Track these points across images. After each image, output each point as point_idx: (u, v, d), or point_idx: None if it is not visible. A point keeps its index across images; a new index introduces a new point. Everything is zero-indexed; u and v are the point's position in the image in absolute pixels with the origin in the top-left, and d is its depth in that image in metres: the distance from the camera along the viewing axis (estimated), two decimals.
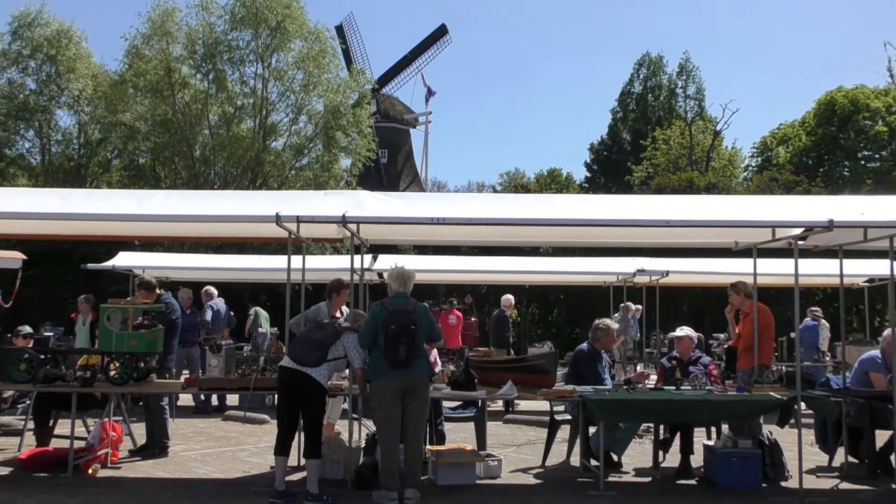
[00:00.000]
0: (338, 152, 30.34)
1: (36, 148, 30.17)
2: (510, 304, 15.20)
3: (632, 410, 7.23)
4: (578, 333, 22.54)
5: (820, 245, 8.11)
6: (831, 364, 13.71)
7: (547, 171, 49.39)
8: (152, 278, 8.79)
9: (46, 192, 9.47)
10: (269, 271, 13.39)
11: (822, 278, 12.20)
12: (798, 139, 37.23)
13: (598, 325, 8.43)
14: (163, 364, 8.39)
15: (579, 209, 7.72)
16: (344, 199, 7.40)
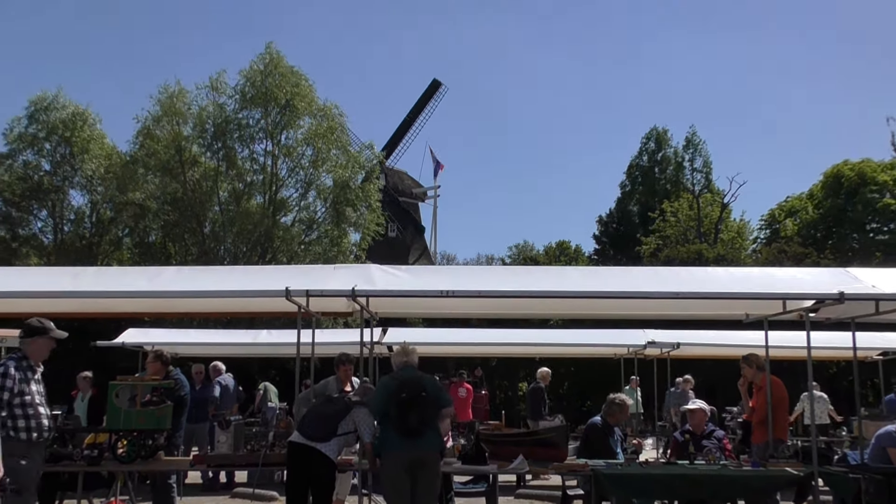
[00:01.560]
0: (347, 227, 30.59)
1: (48, 227, 30.54)
2: (545, 376, 14.98)
3: (645, 485, 7.09)
4: (589, 406, 22.30)
5: (832, 317, 8.07)
6: (848, 439, 13.49)
7: (556, 243, 49.41)
8: (165, 352, 8.80)
9: (58, 271, 9.57)
10: (279, 346, 13.37)
11: (835, 351, 12.09)
12: (805, 211, 37.37)
13: (613, 400, 8.35)
14: (171, 441, 8.32)
15: (589, 281, 7.75)
16: (353, 273, 7.45)
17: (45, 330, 6.01)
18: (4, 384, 5.66)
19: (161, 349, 8.96)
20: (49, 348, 6.07)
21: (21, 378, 5.76)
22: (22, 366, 5.85)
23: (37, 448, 5.82)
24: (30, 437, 5.71)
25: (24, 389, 5.74)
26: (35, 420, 5.74)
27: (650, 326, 12.63)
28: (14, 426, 5.68)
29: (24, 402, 5.72)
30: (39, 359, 6.02)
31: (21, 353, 5.96)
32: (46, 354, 6.12)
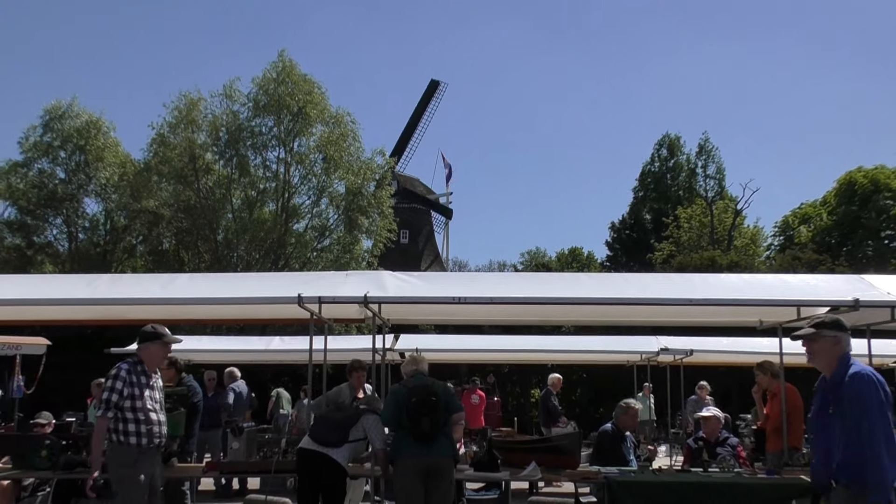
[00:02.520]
0: (359, 233, 30.66)
1: (63, 235, 30.79)
2: (556, 382, 14.93)
3: (658, 493, 7.04)
4: (602, 413, 22.20)
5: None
6: None
7: (568, 249, 49.46)
8: (179, 359, 8.81)
9: (72, 279, 9.62)
10: (291, 352, 13.39)
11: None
12: (819, 218, 37.19)
13: (619, 404, 8.34)
14: (184, 448, 8.33)
15: (601, 288, 7.72)
16: (365, 280, 7.46)
17: (157, 335, 5.86)
18: (114, 386, 5.54)
19: (174, 356, 8.97)
20: (163, 354, 5.96)
21: (133, 382, 5.62)
22: (136, 370, 5.70)
23: (147, 455, 5.64)
24: (139, 442, 5.56)
25: (135, 394, 5.59)
26: (146, 426, 5.59)
27: (663, 333, 12.58)
28: (124, 431, 5.54)
29: (135, 407, 5.57)
30: (154, 365, 5.90)
31: (137, 359, 5.81)
32: (161, 361, 6.03)
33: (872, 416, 4.09)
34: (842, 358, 4.35)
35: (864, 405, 4.13)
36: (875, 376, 4.24)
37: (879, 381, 4.20)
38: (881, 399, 4.09)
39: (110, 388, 5.51)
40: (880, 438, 4.04)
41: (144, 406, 5.59)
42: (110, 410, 5.48)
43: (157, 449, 5.75)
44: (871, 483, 4.03)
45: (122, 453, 5.50)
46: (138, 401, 5.56)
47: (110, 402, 5.48)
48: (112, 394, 5.50)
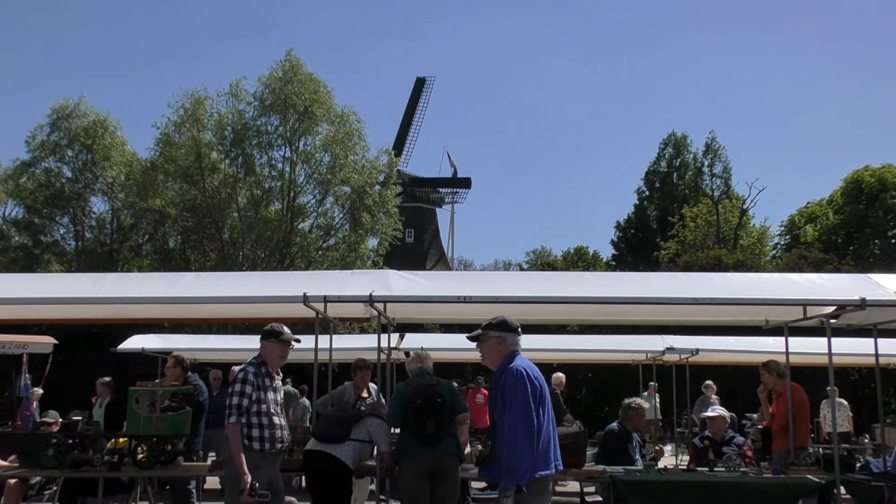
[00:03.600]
0: (364, 233, 30.67)
1: (70, 234, 30.87)
2: (560, 381, 14.91)
3: (664, 492, 7.03)
4: (607, 412, 22.18)
5: (853, 324, 7.99)
6: (870, 446, 13.34)
7: (574, 248, 49.44)
8: (185, 358, 8.84)
9: (79, 278, 9.65)
10: (296, 351, 13.36)
11: (857, 357, 11.98)
12: (826, 217, 37.08)
13: (628, 405, 8.29)
14: (190, 446, 8.34)
15: (607, 287, 7.70)
16: (371, 279, 7.46)
17: (274, 333, 5.76)
18: (243, 391, 5.39)
19: (180, 355, 9.00)
20: (281, 353, 5.77)
21: (259, 385, 5.50)
22: (260, 372, 5.58)
23: (269, 460, 5.51)
24: (262, 447, 5.42)
25: (261, 397, 5.47)
26: (269, 430, 5.45)
27: (669, 332, 12.57)
28: (248, 435, 5.40)
29: (259, 411, 5.44)
30: (275, 364, 5.75)
31: (260, 359, 5.69)
32: (280, 360, 5.82)
33: (516, 410, 4.21)
34: (508, 356, 4.52)
35: (509, 399, 4.29)
36: (526, 371, 4.34)
37: (531, 376, 4.30)
38: (527, 393, 4.21)
39: (240, 393, 5.38)
40: (520, 430, 4.15)
41: (269, 410, 5.48)
42: (242, 416, 5.36)
43: (279, 454, 5.66)
44: (504, 468, 4.20)
45: (246, 457, 5.35)
46: (263, 405, 5.46)
47: (241, 408, 5.36)
48: (242, 398, 5.37)
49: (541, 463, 4.21)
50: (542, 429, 4.26)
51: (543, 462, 4.24)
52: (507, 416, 4.29)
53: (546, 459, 4.28)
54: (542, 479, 4.25)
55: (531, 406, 4.20)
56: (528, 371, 4.33)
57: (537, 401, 4.24)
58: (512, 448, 4.17)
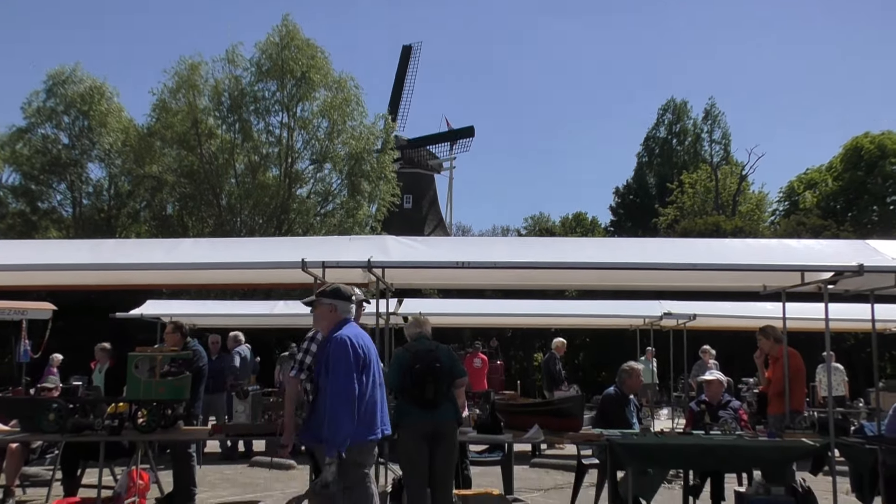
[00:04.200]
0: (362, 198, 30.61)
1: (67, 200, 30.75)
2: (560, 346, 14.95)
3: (660, 455, 7.11)
4: (605, 377, 22.35)
5: (850, 289, 8.01)
6: (865, 410, 13.47)
7: (572, 214, 49.39)
8: (184, 323, 8.86)
9: (77, 244, 9.62)
10: (296, 317, 13.45)
11: (854, 323, 12.02)
12: (825, 184, 37.05)
13: (622, 368, 8.38)
14: (190, 411, 8.40)
15: (605, 253, 7.71)
16: (369, 245, 7.46)
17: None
18: (309, 349, 5.33)
19: (179, 320, 9.02)
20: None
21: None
22: None
23: None
24: None
25: None
26: None
27: (666, 298, 12.60)
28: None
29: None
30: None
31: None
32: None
33: (337, 379, 4.31)
34: (338, 324, 4.62)
35: (332, 367, 4.39)
36: (350, 339, 4.43)
37: (356, 345, 4.39)
38: (349, 361, 4.31)
39: (305, 350, 5.34)
40: (340, 399, 4.25)
41: None
42: (303, 372, 5.30)
43: None
44: (325, 438, 4.29)
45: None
46: None
47: (303, 364, 5.31)
48: (306, 356, 5.32)
49: (364, 429, 4.34)
50: (366, 396, 4.38)
51: (367, 428, 4.38)
52: (328, 383, 4.38)
53: (370, 425, 4.42)
54: (366, 444, 4.36)
55: (353, 374, 4.31)
56: (353, 339, 4.43)
57: (361, 368, 4.36)
58: (332, 418, 4.28)
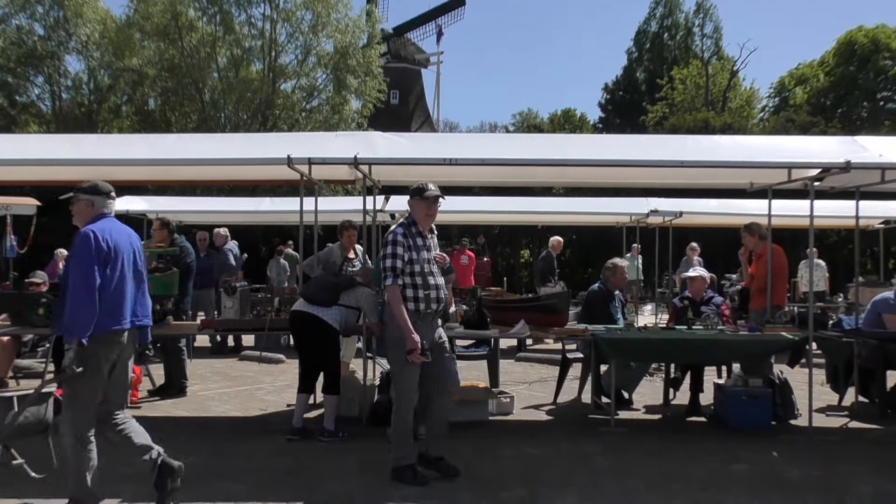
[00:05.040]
0: (348, 94, 30.12)
1: (46, 94, 30.12)
2: (557, 245, 14.97)
3: (643, 350, 7.27)
4: (591, 273, 22.63)
5: (836, 186, 8.03)
6: (844, 305, 13.74)
7: (560, 111, 48.85)
8: (170, 220, 8.82)
9: (58, 139, 9.47)
10: (280, 213, 13.43)
11: (838, 220, 12.12)
12: (816, 79, 36.66)
13: (605, 265, 8.46)
14: (179, 307, 8.47)
15: (593, 149, 7.65)
16: (355, 141, 7.37)
17: (417, 191, 5.47)
18: (395, 252, 5.25)
19: (165, 217, 8.97)
20: (427, 211, 5.44)
21: (410, 245, 5.32)
22: (410, 232, 5.39)
23: (426, 321, 5.35)
24: (417, 307, 5.28)
25: (412, 258, 5.31)
26: (423, 290, 5.31)
27: (654, 195, 12.61)
28: (403, 296, 5.28)
29: (412, 272, 5.29)
30: (422, 223, 5.45)
31: (411, 219, 5.47)
32: (427, 218, 5.46)
33: (78, 269, 4.42)
34: (95, 218, 4.71)
35: (75, 259, 4.49)
36: (95, 233, 4.53)
37: (101, 238, 4.50)
38: (90, 254, 4.42)
39: (391, 255, 5.26)
40: (80, 289, 4.36)
41: (422, 270, 5.34)
42: (399, 277, 5.25)
43: (435, 314, 5.47)
44: (65, 326, 4.41)
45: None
46: (415, 265, 5.32)
47: (396, 269, 5.24)
48: (395, 260, 5.25)
49: (108, 319, 4.44)
50: (110, 287, 4.47)
51: (111, 318, 4.47)
52: (70, 275, 4.50)
53: (115, 315, 4.50)
54: (112, 333, 4.51)
55: (94, 266, 4.40)
56: (98, 233, 4.51)
57: (104, 260, 4.45)
58: (72, 306, 4.38)
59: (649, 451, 6.23)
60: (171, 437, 6.51)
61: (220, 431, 6.82)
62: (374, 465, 5.65)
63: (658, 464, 5.81)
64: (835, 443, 6.62)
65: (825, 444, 6.53)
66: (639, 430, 7.10)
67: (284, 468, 5.58)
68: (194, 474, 5.38)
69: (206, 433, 6.71)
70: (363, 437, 6.56)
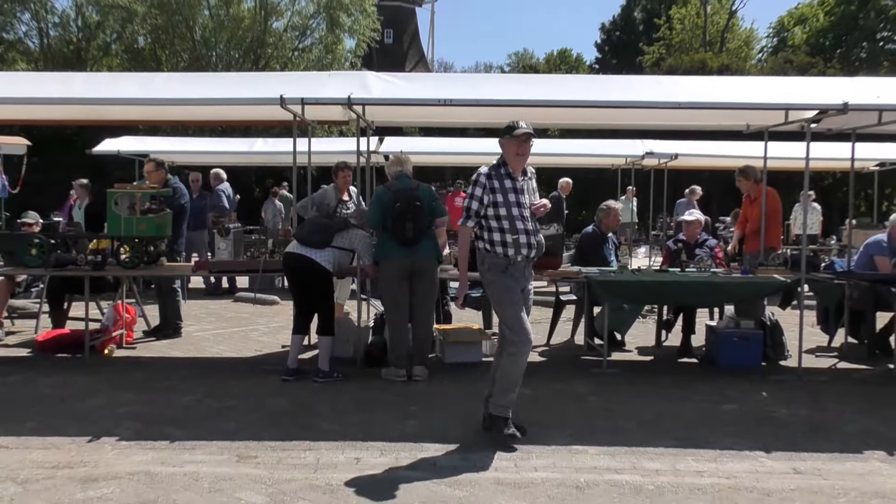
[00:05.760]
0: (341, 33, 29.64)
1: (33, 31, 29.54)
2: (566, 186, 14.84)
3: (636, 292, 7.29)
4: (585, 216, 22.61)
5: (833, 128, 7.99)
6: (837, 247, 13.79)
7: (557, 52, 48.26)
8: (163, 160, 8.76)
9: (47, 77, 9.32)
10: (274, 154, 13.33)
11: (832, 162, 12.09)
12: (816, 19, 36.15)
13: (601, 207, 8.44)
14: (172, 248, 8.46)
15: (589, 91, 7.57)
16: (349, 81, 7.27)
17: (507, 130, 5.12)
18: (473, 193, 4.99)
19: (159, 157, 8.88)
20: (517, 150, 5.04)
21: (495, 187, 4.97)
22: (499, 173, 5.03)
23: (516, 266, 5.00)
24: (505, 252, 4.94)
25: (497, 200, 4.95)
26: (511, 235, 4.92)
27: (649, 137, 12.54)
28: (489, 240, 4.98)
29: (497, 215, 4.95)
30: (512, 164, 5.05)
31: (501, 159, 5.12)
32: (517, 157, 5.06)
33: None
34: None
35: None
36: None
37: None
38: None
39: (471, 196, 5.02)
40: None
41: (509, 213, 4.94)
42: (470, 219, 5.02)
43: (526, 260, 5.06)
44: None
45: (491, 260, 5.01)
46: (500, 208, 4.96)
47: (470, 210, 5.00)
48: (471, 201, 5.00)
49: None
50: None
51: None
52: None
53: None
54: None
55: None
56: None
57: None
58: None
59: (641, 391, 6.31)
60: (166, 378, 6.60)
61: (215, 372, 6.87)
62: (369, 405, 5.72)
63: (649, 404, 5.89)
64: (823, 383, 6.71)
65: (814, 385, 6.62)
66: (631, 370, 7.17)
67: (279, 408, 5.64)
68: (190, 414, 5.45)
69: (201, 373, 6.76)
70: (358, 377, 6.62)
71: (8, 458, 4.47)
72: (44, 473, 4.22)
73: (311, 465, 4.40)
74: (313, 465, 4.40)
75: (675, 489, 4.13)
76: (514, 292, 4.97)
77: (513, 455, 4.63)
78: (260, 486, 4.07)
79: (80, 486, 4.05)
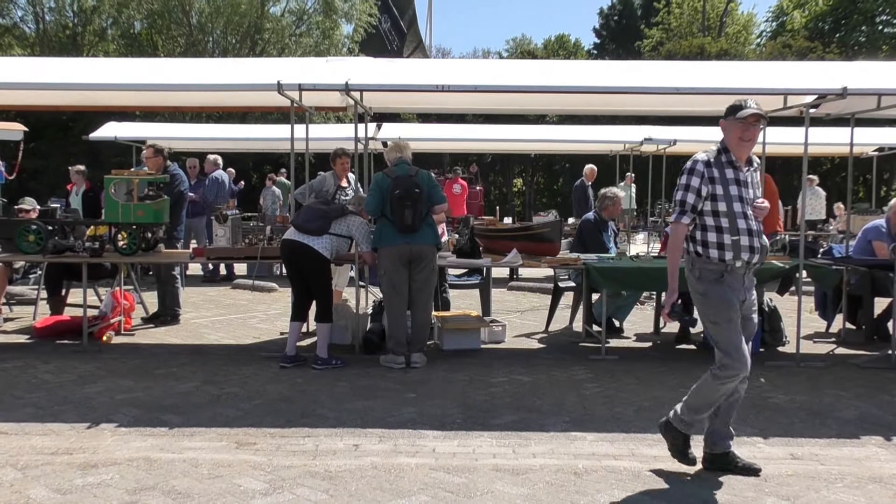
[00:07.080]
0: (338, 18, 29.51)
1: (29, 16, 29.37)
2: (591, 173, 14.68)
3: (635, 278, 7.29)
4: None
5: (832, 113, 7.96)
6: (836, 232, 13.80)
7: (555, 37, 48.10)
8: (162, 146, 8.72)
9: (44, 62, 9.26)
10: (271, 141, 13.30)
11: (831, 147, 12.09)
12: (815, 3, 36.02)
13: (605, 194, 8.39)
14: (171, 234, 8.45)
15: (587, 76, 7.55)
16: (346, 67, 7.25)
17: (730, 110, 4.26)
18: (689, 184, 4.12)
19: (157, 143, 8.85)
20: (740, 135, 4.15)
21: (714, 178, 4.11)
22: (719, 161, 4.16)
23: (735, 273, 4.10)
24: (722, 256, 4.07)
25: (716, 193, 4.09)
26: (730, 236, 4.06)
27: (649, 123, 12.52)
28: (703, 241, 4.13)
29: (715, 211, 4.09)
30: (736, 151, 4.18)
31: (722, 145, 4.23)
32: (740, 143, 4.15)
33: None
34: None
35: None
36: None
37: None
38: None
39: (684, 187, 4.15)
40: None
41: (730, 210, 4.09)
42: (686, 215, 4.13)
43: (748, 267, 4.16)
44: None
45: (703, 266, 4.15)
46: (719, 203, 4.10)
47: (685, 205, 4.13)
48: (686, 194, 4.12)
49: None
50: None
51: None
52: None
53: None
54: None
55: None
56: None
57: None
58: None
59: (639, 378, 6.32)
60: (165, 364, 6.60)
61: (214, 359, 6.87)
62: (368, 392, 5.72)
63: (647, 390, 5.90)
64: (821, 368, 6.72)
65: (811, 370, 6.63)
66: (629, 357, 7.18)
67: (278, 395, 5.64)
68: (189, 401, 5.45)
69: (200, 360, 6.77)
70: (356, 364, 6.63)
71: (7, 443, 4.48)
72: (43, 459, 4.22)
73: (309, 452, 4.41)
74: (312, 452, 4.41)
75: (674, 476, 4.14)
76: (731, 307, 4.10)
77: (511, 441, 4.63)
78: (259, 472, 4.08)
79: (80, 472, 4.05)
